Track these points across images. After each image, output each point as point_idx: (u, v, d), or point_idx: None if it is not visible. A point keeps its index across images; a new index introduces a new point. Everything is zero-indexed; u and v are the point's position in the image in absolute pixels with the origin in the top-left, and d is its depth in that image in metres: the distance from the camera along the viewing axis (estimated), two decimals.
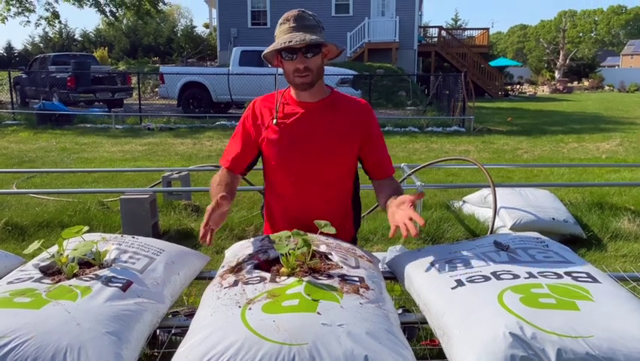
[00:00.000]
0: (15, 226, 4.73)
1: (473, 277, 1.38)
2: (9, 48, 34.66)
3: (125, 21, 28.65)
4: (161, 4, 22.15)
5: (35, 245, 1.49)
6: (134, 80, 17.20)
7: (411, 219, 1.53)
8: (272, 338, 1.08)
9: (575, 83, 36.45)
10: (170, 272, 1.53)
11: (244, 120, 1.90)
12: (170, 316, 1.55)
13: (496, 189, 4.40)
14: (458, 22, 37.44)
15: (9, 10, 20.31)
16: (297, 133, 1.82)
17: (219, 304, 1.25)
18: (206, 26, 34.42)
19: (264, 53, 1.75)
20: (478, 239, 1.74)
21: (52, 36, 32.31)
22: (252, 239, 1.73)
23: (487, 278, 1.37)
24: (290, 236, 1.47)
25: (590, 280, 1.35)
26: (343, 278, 1.37)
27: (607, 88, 36.55)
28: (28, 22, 21.16)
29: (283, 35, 1.69)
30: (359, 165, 1.94)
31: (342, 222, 1.90)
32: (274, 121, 1.82)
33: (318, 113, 1.83)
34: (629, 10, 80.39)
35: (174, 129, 12.55)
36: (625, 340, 1.09)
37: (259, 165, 1.98)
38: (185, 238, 4.55)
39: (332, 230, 1.53)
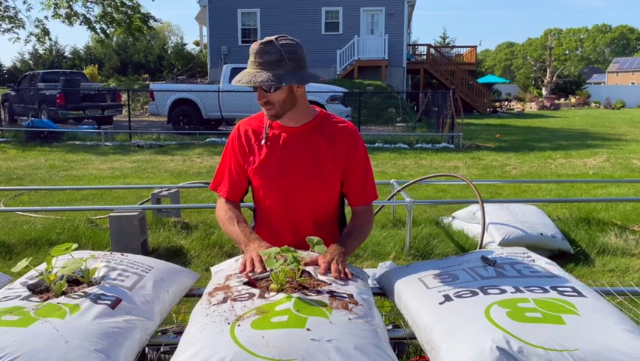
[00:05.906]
0: (2, 244, 4.68)
1: (461, 292, 1.40)
2: None
3: (115, 38, 28.66)
4: (152, 21, 22.20)
5: (23, 263, 1.48)
6: (123, 97, 17.19)
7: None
8: (261, 354, 1.08)
9: (562, 100, 36.94)
10: (160, 289, 1.53)
11: (231, 144, 1.89)
12: (159, 333, 1.55)
13: (485, 205, 4.43)
14: (446, 40, 37.92)
15: None
16: (280, 158, 1.82)
17: (208, 321, 1.25)
18: (197, 44, 34.58)
19: (233, 82, 1.73)
20: (466, 254, 1.76)
21: (42, 53, 32.28)
22: (240, 256, 1.74)
23: (474, 293, 1.38)
24: (279, 252, 1.48)
25: (575, 294, 1.37)
26: (332, 294, 1.38)
27: (593, 105, 37.07)
28: (18, 38, 21.05)
29: (247, 69, 1.68)
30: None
31: (330, 241, 1.91)
32: (263, 142, 1.83)
33: (302, 137, 1.82)
34: (614, 29, 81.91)
35: (164, 146, 12.52)
36: (609, 353, 1.11)
37: None
38: (174, 255, 4.53)
39: (323, 249, 1.54)
